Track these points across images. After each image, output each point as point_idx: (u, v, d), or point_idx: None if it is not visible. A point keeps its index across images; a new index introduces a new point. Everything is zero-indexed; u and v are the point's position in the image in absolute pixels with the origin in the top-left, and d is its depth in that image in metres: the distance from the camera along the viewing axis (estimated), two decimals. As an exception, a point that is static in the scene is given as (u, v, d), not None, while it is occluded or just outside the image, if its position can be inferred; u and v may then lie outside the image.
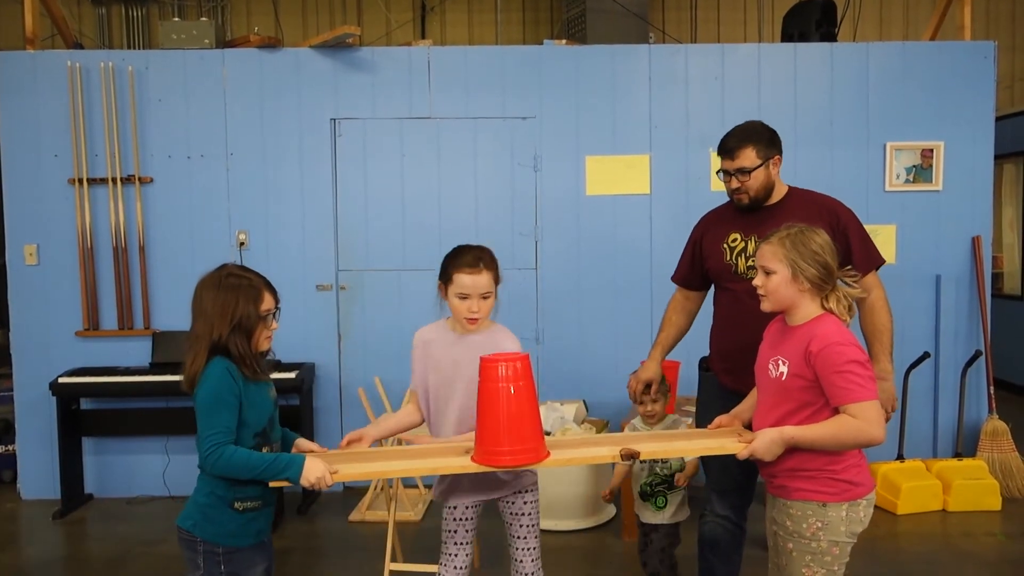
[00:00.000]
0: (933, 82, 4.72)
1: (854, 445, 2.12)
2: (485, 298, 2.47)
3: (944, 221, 4.76)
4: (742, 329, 2.67)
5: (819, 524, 2.16)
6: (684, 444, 2.44)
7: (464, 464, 2.26)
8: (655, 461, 3.04)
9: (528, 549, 2.59)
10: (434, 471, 2.32)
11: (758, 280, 2.23)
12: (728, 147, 2.70)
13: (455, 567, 2.57)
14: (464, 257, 2.49)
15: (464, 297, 2.46)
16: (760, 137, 2.69)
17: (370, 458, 2.38)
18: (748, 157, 2.66)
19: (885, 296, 2.69)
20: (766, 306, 2.24)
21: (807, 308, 2.18)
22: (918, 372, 4.61)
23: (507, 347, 2.46)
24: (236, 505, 2.13)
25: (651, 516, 3.14)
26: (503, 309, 5.07)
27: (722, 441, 2.32)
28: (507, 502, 2.58)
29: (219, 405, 2.07)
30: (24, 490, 4.75)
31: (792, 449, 2.17)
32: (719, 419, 2.44)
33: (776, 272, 2.18)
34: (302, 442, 2.35)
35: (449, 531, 2.59)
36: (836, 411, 2.10)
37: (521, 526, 2.58)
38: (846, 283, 2.22)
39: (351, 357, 4.79)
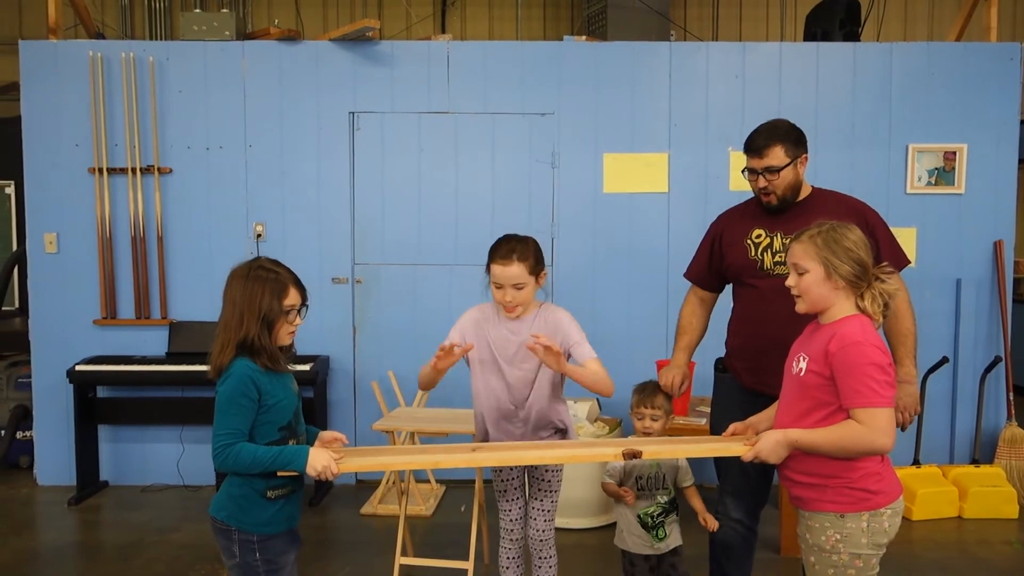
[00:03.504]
0: (957, 84, 4.66)
1: (859, 453, 2.04)
2: (519, 288, 2.58)
3: (966, 225, 4.71)
4: (765, 326, 2.64)
5: (837, 536, 2.08)
6: (689, 447, 2.42)
7: (468, 459, 2.30)
8: (657, 488, 2.81)
9: (543, 511, 2.81)
10: (436, 465, 2.35)
11: (791, 280, 2.17)
12: (756, 145, 2.66)
13: (511, 519, 2.86)
14: (499, 249, 2.62)
15: (499, 287, 2.59)
16: (788, 136, 2.66)
17: (376, 451, 2.40)
18: (776, 156, 2.63)
19: (909, 299, 2.65)
20: (801, 307, 2.17)
21: (840, 307, 2.11)
22: (936, 377, 4.56)
23: (558, 321, 2.66)
24: (269, 494, 2.18)
25: (650, 547, 2.81)
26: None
27: (726, 443, 2.29)
28: (535, 468, 2.79)
29: (234, 408, 2.11)
30: (40, 476, 4.79)
31: (805, 457, 2.12)
32: (733, 427, 2.39)
33: (809, 271, 2.11)
34: (325, 434, 2.39)
35: (500, 491, 2.85)
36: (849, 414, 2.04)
37: (540, 490, 2.81)
38: (881, 278, 2.12)
39: (365, 351, 4.80)
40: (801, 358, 2.15)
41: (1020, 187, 5.27)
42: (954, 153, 4.68)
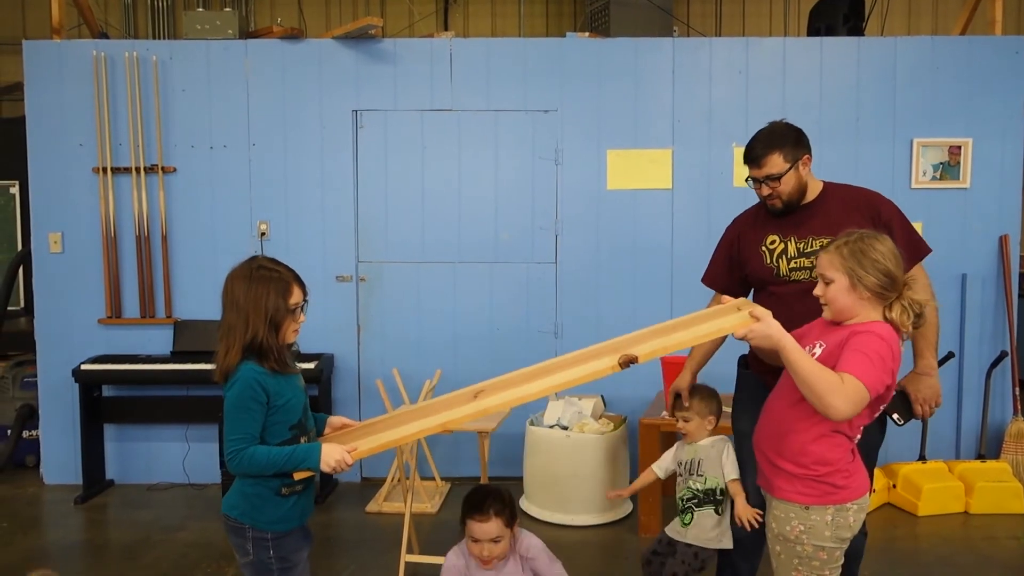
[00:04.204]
0: (962, 78, 4.64)
1: (816, 399, 2.00)
2: (496, 542, 2.53)
3: (971, 219, 4.69)
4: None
5: (801, 527, 2.13)
6: (682, 335, 2.31)
7: (474, 408, 2.29)
8: (691, 473, 2.87)
9: None
10: (444, 427, 2.31)
11: (818, 289, 2.18)
12: (754, 155, 2.62)
13: None
14: (475, 503, 2.56)
15: (475, 540, 2.54)
16: (785, 140, 2.61)
17: (383, 427, 2.39)
18: (775, 163, 2.59)
19: (932, 290, 2.63)
20: (827, 315, 2.19)
21: (866, 316, 2.12)
22: (942, 372, 4.44)
23: (536, 563, 2.58)
24: (283, 491, 2.19)
25: (674, 531, 2.90)
26: (523, 305, 5.07)
27: (719, 323, 2.23)
28: None
29: (243, 412, 2.11)
30: (47, 475, 4.80)
31: (785, 437, 2.14)
32: (723, 297, 2.36)
33: (834, 281, 2.13)
34: (334, 419, 2.41)
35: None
36: None
37: None
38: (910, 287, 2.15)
39: (370, 348, 4.81)
40: (819, 344, 2.17)
41: (1025, 181, 5.25)
42: (959, 147, 4.66)
